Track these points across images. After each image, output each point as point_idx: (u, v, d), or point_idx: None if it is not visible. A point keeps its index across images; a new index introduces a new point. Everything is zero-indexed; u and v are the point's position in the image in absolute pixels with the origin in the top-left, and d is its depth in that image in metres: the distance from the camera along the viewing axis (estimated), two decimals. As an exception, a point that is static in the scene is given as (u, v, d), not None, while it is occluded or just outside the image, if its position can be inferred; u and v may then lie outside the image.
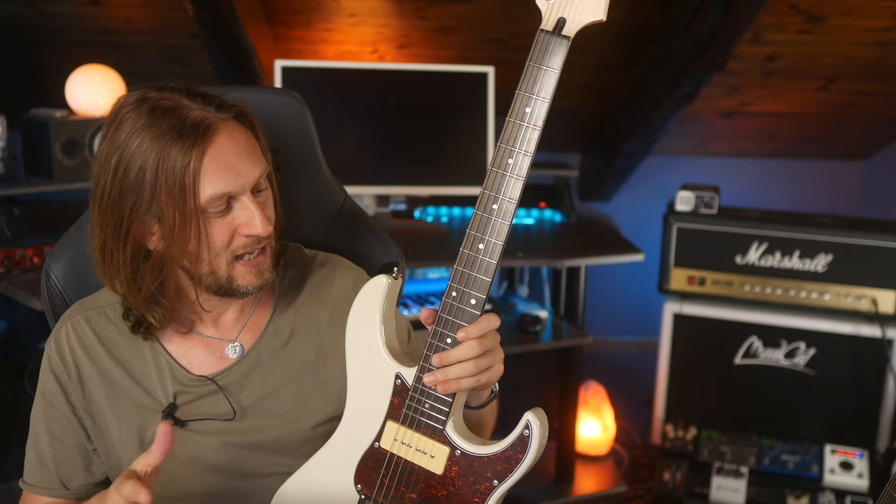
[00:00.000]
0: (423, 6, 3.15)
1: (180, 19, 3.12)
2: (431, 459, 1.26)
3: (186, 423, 1.34)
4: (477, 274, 1.19)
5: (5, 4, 3.11)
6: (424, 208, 3.24)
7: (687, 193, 3.05)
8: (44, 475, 1.36)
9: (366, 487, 1.31)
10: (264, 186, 1.30)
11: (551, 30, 1.15)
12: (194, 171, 1.20)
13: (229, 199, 1.24)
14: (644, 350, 4.02)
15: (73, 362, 1.34)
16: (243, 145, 1.25)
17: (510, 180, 1.17)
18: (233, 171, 1.23)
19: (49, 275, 1.46)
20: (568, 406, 2.89)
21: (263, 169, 1.28)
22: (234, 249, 1.26)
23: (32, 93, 3.45)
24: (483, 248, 1.19)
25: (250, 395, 1.37)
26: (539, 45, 1.16)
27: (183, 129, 1.20)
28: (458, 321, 1.21)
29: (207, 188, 1.21)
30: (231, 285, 1.28)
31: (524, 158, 1.16)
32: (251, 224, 1.25)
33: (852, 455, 2.85)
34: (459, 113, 2.99)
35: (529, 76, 1.16)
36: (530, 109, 1.16)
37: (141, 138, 1.20)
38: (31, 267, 2.49)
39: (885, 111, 3.86)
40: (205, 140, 1.21)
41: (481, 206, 1.19)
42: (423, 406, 1.24)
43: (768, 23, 3.15)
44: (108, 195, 1.23)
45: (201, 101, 1.24)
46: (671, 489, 2.88)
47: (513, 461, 1.22)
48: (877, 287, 2.89)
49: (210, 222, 1.24)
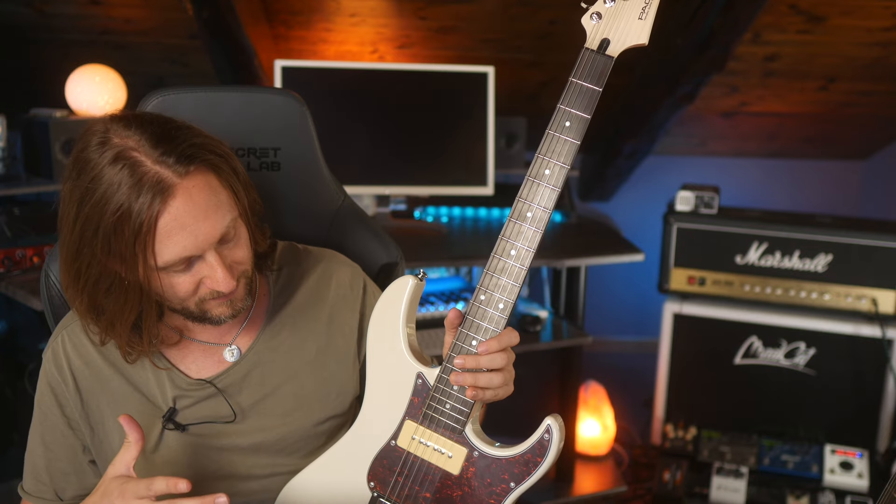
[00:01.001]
0: (423, 6, 3.15)
1: (180, 19, 3.12)
2: (449, 459, 1.27)
3: (187, 428, 1.34)
4: (507, 280, 1.23)
5: (5, 4, 3.11)
6: (424, 208, 3.24)
7: (687, 193, 3.05)
8: (38, 485, 1.37)
9: (379, 485, 1.31)
10: (232, 234, 1.24)
11: (596, 49, 1.20)
12: (147, 237, 1.15)
13: (190, 259, 1.21)
14: (644, 350, 4.02)
15: (69, 373, 1.33)
16: (202, 205, 1.18)
17: (545, 190, 1.21)
18: (190, 234, 1.18)
19: (48, 275, 1.46)
20: (568, 406, 2.89)
21: (228, 222, 1.22)
22: (201, 296, 1.24)
23: (32, 93, 3.45)
24: (515, 254, 1.22)
25: (250, 396, 1.36)
26: (583, 62, 1.20)
27: (140, 190, 1.14)
28: (485, 324, 1.24)
29: (164, 254, 1.17)
30: (205, 316, 1.27)
31: (561, 170, 1.21)
32: (214, 280, 1.22)
33: (852, 455, 2.85)
34: (459, 113, 2.99)
35: (572, 92, 1.20)
36: (570, 124, 1.20)
37: (101, 192, 1.16)
38: (31, 267, 2.49)
39: (885, 111, 3.85)
40: (161, 203, 1.15)
41: (515, 214, 1.22)
42: (445, 406, 1.26)
43: (768, 23, 3.15)
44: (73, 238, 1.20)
45: (162, 151, 1.16)
46: (671, 489, 2.88)
47: (531, 464, 1.25)
48: (877, 287, 2.89)
49: (172, 277, 1.21)
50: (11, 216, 2.63)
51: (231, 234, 1.24)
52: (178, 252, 1.18)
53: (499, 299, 1.23)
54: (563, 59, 3.43)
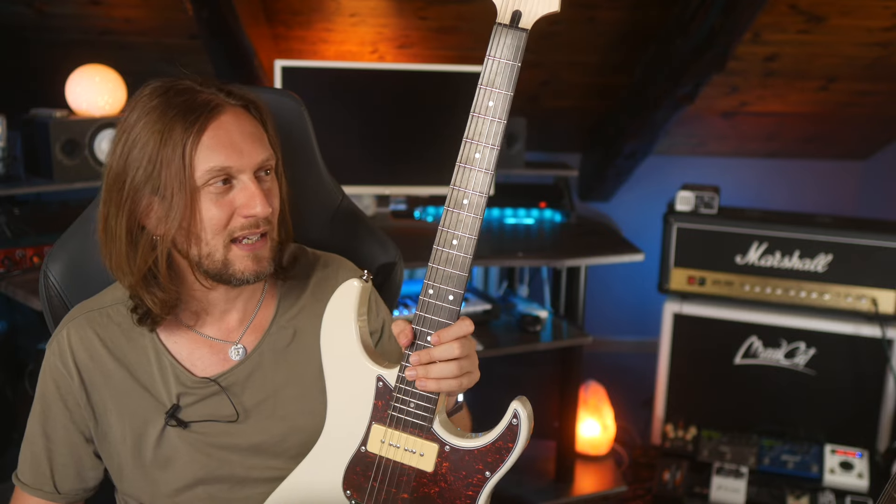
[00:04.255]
0: (423, 6, 3.15)
1: (180, 19, 3.12)
2: (421, 458, 1.26)
3: (189, 425, 1.34)
4: (452, 270, 1.20)
5: (5, 4, 3.11)
6: (424, 208, 3.24)
7: (687, 193, 3.05)
8: (37, 477, 1.36)
9: (355, 493, 1.30)
10: (270, 174, 1.30)
11: (508, 23, 1.16)
12: (193, 144, 1.22)
13: (229, 178, 1.25)
14: (644, 350, 4.02)
15: (74, 365, 1.33)
16: (248, 129, 1.27)
17: (478, 174, 1.19)
18: (235, 148, 1.24)
19: (48, 275, 1.46)
20: (568, 406, 2.89)
21: (269, 156, 1.29)
22: (231, 230, 1.26)
23: (32, 93, 3.45)
24: (457, 243, 1.19)
25: (253, 396, 1.36)
26: (497, 38, 1.16)
27: (189, 108, 1.23)
28: (438, 318, 1.21)
29: (206, 162, 1.22)
30: (227, 270, 1.27)
31: (491, 152, 1.18)
32: (250, 204, 1.25)
33: (852, 455, 2.85)
34: (460, 113, 2.98)
35: (489, 70, 1.16)
36: (493, 103, 1.17)
37: (149, 116, 1.23)
38: (31, 267, 2.49)
39: (884, 111, 3.85)
40: (209, 117, 1.23)
41: (451, 202, 1.20)
42: (409, 406, 1.24)
43: (768, 23, 3.15)
44: (114, 172, 1.26)
45: (216, 88, 1.27)
46: (671, 489, 2.88)
47: (503, 451, 1.23)
48: (877, 287, 2.89)
49: (209, 199, 1.24)
50: (11, 216, 2.63)
51: (269, 173, 1.30)
52: (219, 162, 1.23)
53: (448, 291, 1.20)
54: (563, 59, 3.43)
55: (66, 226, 1.52)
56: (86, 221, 1.48)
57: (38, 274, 1.48)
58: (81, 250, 1.46)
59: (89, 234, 1.43)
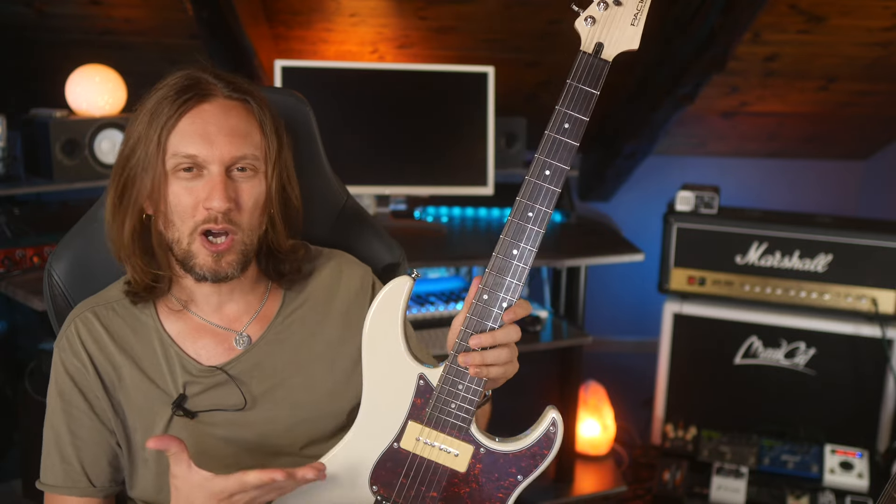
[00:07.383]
0: (423, 6, 3.15)
1: (180, 19, 3.12)
2: (455, 458, 1.28)
3: (196, 415, 1.34)
4: (510, 279, 1.24)
5: (5, 4, 3.11)
6: (424, 208, 3.24)
7: (687, 193, 3.05)
8: (69, 475, 1.34)
9: (382, 488, 1.31)
10: (247, 173, 1.30)
11: (591, 52, 1.22)
12: (169, 128, 1.25)
13: (198, 167, 1.26)
14: (644, 350, 4.02)
15: (87, 358, 1.33)
16: (232, 123, 1.28)
17: (546, 191, 1.23)
18: (206, 138, 1.26)
19: (51, 274, 1.46)
20: (568, 406, 2.89)
21: (248, 154, 1.28)
22: (196, 221, 1.27)
23: (32, 93, 3.45)
24: (517, 253, 1.25)
25: (260, 384, 1.37)
26: (580, 65, 1.22)
27: (180, 93, 1.26)
28: (489, 323, 1.25)
29: (175, 146, 1.26)
30: (189, 261, 1.29)
31: (560, 171, 1.23)
32: (210, 196, 1.26)
33: (852, 455, 2.85)
34: (459, 113, 2.99)
35: (570, 94, 1.22)
36: (568, 126, 1.22)
37: (152, 97, 1.28)
38: (32, 267, 2.49)
39: (885, 111, 3.86)
40: (192, 104, 1.26)
41: (517, 214, 1.24)
42: (451, 406, 1.27)
43: (768, 23, 3.15)
44: (119, 157, 1.30)
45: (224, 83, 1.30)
46: (671, 489, 2.88)
47: (538, 457, 1.28)
48: (877, 287, 2.89)
49: (178, 184, 1.27)
50: (11, 216, 2.63)
51: (249, 171, 1.29)
52: (185, 149, 1.25)
53: (502, 298, 1.24)
54: (563, 60, 3.43)
55: (66, 226, 1.52)
56: (90, 220, 1.48)
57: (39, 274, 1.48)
58: (85, 249, 1.47)
59: (93, 233, 1.44)
